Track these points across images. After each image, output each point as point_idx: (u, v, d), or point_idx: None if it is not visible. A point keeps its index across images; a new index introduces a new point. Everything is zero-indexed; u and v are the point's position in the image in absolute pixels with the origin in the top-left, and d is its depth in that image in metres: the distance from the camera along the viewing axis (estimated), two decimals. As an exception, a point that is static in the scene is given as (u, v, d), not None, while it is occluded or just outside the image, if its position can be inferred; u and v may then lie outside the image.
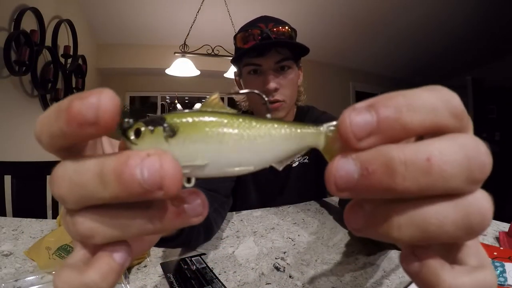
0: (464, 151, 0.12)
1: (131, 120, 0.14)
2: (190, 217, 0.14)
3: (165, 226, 0.14)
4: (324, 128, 0.15)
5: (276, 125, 0.15)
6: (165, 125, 0.13)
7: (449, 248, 0.14)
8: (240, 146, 0.14)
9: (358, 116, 0.12)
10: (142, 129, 0.13)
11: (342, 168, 0.12)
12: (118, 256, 0.14)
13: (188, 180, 0.14)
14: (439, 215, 0.12)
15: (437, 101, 0.13)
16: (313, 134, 0.15)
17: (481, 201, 0.12)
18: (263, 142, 0.14)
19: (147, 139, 0.13)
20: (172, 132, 0.13)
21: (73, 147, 0.15)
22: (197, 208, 0.14)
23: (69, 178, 0.13)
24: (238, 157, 0.14)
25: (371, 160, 0.12)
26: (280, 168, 0.15)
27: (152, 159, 0.12)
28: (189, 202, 0.14)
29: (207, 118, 0.14)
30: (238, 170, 0.14)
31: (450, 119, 0.13)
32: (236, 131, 0.14)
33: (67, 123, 0.12)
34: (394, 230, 0.12)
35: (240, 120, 0.14)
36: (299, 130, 0.15)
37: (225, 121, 0.14)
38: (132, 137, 0.14)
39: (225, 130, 0.14)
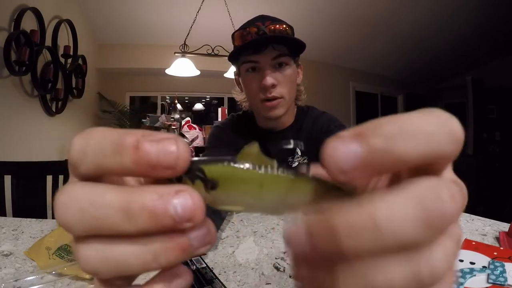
0: (418, 204, 0.11)
1: None
2: (196, 249, 0.14)
3: (169, 261, 0.13)
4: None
5: (309, 181, 0.14)
6: (205, 178, 0.14)
7: None
8: (275, 200, 0.14)
9: (343, 146, 0.11)
10: (183, 177, 0.14)
11: (294, 237, 0.12)
12: None
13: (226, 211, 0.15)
14: (387, 275, 0.11)
15: (433, 126, 0.11)
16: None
17: (435, 258, 0.11)
18: (297, 196, 0.14)
19: None
20: (212, 186, 0.14)
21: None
22: (204, 237, 0.14)
23: (81, 207, 0.13)
24: (271, 208, 0.15)
25: (315, 227, 0.11)
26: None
27: (183, 196, 0.13)
28: (196, 231, 0.14)
29: (245, 174, 0.14)
30: (267, 214, 0.15)
31: (449, 145, 0.12)
32: (273, 188, 0.14)
33: (135, 163, 0.12)
34: None
35: (278, 175, 0.14)
36: (329, 188, 0.14)
37: (263, 178, 0.14)
38: None
39: (263, 187, 0.14)
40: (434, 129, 0.11)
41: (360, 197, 0.11)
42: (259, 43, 0.69)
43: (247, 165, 0.14)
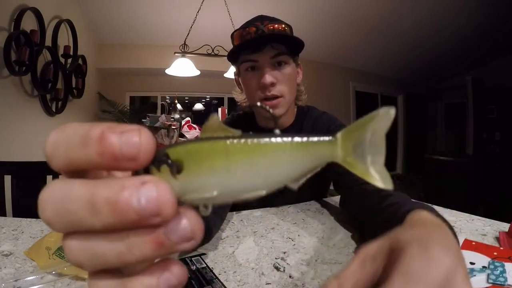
0: None
1: None
2: (176, 244, 0.13)
3: (145, 256, 0.13)
4: (339, 136, 0.14)
5: (282, 142, 0.13)
6: (170, 162, 0.13)
7: None
8: (248, 172, 0.13)
9: None
10: (150, 167, 0.13)
11: None
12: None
13: (205, 207, 0.14)
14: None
15: None
16: (325, 145, 0.14)
17: None
18: (271, 164, 0.13)
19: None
20: (178, 169, 0.13)
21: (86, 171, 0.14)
22: (183, 232, 0.13)
23: (56, 203, 0.13)
24: (247, 183, 0.13)
25: None
26: (296, 187, 0.14)
27: (148, 187, 0.12)
28: (171, 225, 0.13)
29: (209, 148, 0.13)
30: (250, 195, 0.14)
31: None
32: (241, 156, 0.13)
33: (100, 154, 0.12)
34: None
35: (244, 142, 0.13)
36: (306, 142, 0.14)
37: (229, 147, 0.13)
38: None
39: (230, 157, 0.13)
40: None
41: None
42: (258, 41, 0.69)
43: (209, 136, 0.13)
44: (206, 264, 0.48)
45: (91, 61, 3.07)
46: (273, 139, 0.13)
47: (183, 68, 2.47)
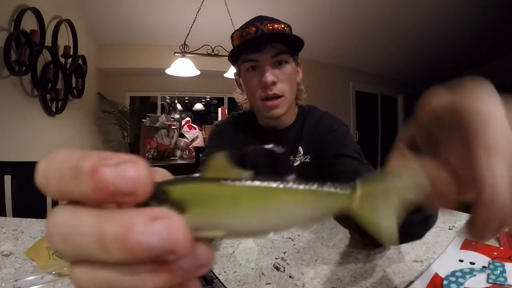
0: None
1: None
2: (191, 272, 0.13)
3: (159, 285, 0.12)
4: (358, 192, 0.13)
5: (295, 189, 0.13)
6: (171, 201, 0.12)
7: None
8: (256, 217, 0.12)
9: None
10: (151, 203, 0.13)
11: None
12: None
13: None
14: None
15: None
16: (342, 197, 0.14)
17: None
18: (283, 211, 0.13)
19: None
20: (180, 210, 0.12)
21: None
22: (198, 262, 0.13)
23: (62, 234, 0.12)
24: (254, 227, 0.13)
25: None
26: (305, 230, 0.14)
27: (159, 224, 0.11)
28: (192, 254, 0.12)
29: (215, 191, 0.12)
30: (257, 236, 0.13)
31: None
32: (250, 202, 0.12)
33: (93, 190, 0.11)
34: None
35: (254, 188, 0.12)
36: (322, 191, 0.13)
37: (237, 192, 0.12)
38: None
39: (238, 203, 0.12)
40: None
41: None
42: (258, 41, 0.69)
43: (212, 180, 0.12)
44: (206, 264, 0.48)
45: (91, 61, 3.07)
46: (287, 186, 0.13)
47: (183, 68, 2.48)
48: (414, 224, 0.44)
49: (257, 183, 0.12)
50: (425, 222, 0.45)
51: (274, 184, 0.12)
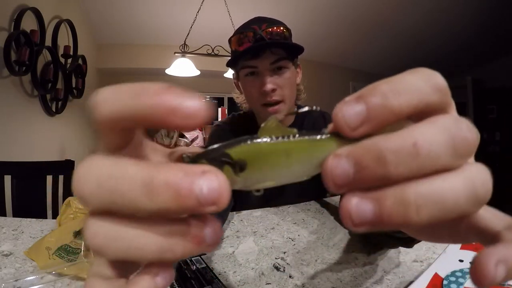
0: (446, 131, 0.13)
1: (189, 155, 0.14)
2: (207, 245, 0.14)
3: (184, 252, 0.13)
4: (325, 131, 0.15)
5: (324, 140, 0.15)
6: (232, 161, 0.14)
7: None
8: (304, 165, 0.15)
9: (349, 108, 0.13)
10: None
11: (337, 167, 0.13)
12: (160, 280, 0.14)
13: (258, 190, 0.15)
14: (453, 189, 0.12)
15: (419, 81, 0.13)
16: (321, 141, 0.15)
17: (481, 171, 0.13)
18: (323, 156, 0.15)
19: None
20: (241, 168, 0.14)
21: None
22: (216, 236, 0.14)
23: (102, 179, 0.12)
24: (300, 173, 0.15)
25: (363, 156, 0.12)
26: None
27: (209, 176, 0.12)
28: (211, 227, 0.14)
29: (271, 147, 0.14)
30: (297, 180, 0.15)
31: (435, 95, 0.14)
32: (300, 153, 0.14)
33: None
34: (413, 214, 0.12)
35: (303, 140, 0.15)
36: (310, 139, 0.15)
37: (287, 147, 0.14)
38: None
39: (289, 155, 0.14)
40: (420, 83, 0.13)
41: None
42: (259, 49, 0.69)
43: (270, 139, 0.15)
44: (206, 264, 0.48)
45: (91, 61, 3.07)
46: (324, 136, 0.15)
47: (183, 68, 2.48)
48: (400, 239, 0.45)
49: (306, 137, 0.15)
50: (410, 239, 0.44)
51: (317, 136, 0.15)
